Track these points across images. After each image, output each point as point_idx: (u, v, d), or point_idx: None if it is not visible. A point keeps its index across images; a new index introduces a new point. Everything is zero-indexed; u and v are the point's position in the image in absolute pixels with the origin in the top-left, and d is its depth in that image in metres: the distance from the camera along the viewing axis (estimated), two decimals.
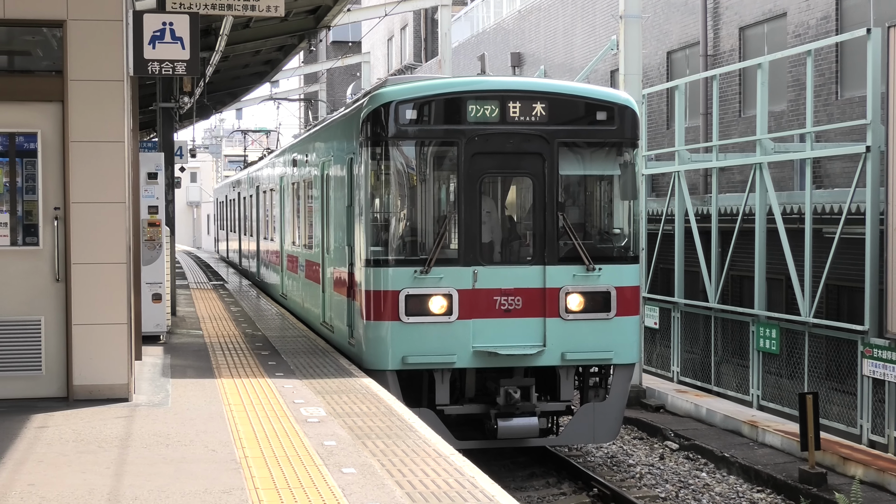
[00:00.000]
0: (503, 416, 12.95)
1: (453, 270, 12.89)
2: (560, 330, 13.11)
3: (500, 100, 13.04)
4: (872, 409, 15.14)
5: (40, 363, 11.16)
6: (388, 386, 12.50)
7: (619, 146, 13.66)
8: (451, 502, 7.62)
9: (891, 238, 14.55)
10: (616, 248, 13.76)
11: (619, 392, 13.83)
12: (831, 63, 21.51)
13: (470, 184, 12.92)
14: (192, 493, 7.77)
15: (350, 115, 14.61)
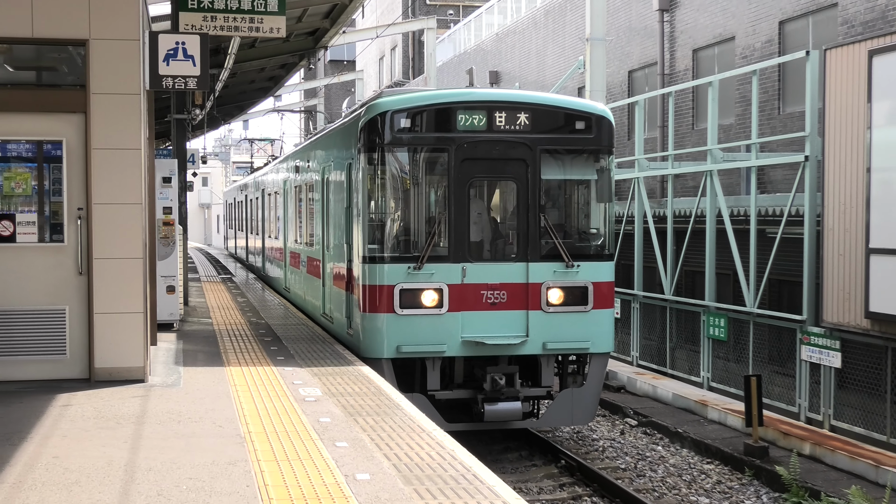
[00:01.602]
0: (489, 401, 12.86)
1: (444, 267, 12.77)
2: (541, 321, 13.00)
3: (487, 110, 12.92)
4: (809, 390, 15.19)
5: (65, 348, 11.15)
6: (383, 373, 12.38)
7: (596, 153, 13.56)
8: (433, 472, 7.63)
9: (826, 238, 14.60)
10: (593, 246, 13.65)
11: (595, 378, 13.73)
12: (774, 81, 21.59)
13: (459, 187, 12.82)
14: (200, 464, 7.77)
15: (349, 123, 14.50)
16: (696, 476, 13.73)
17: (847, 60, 14.15)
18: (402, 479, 7.43)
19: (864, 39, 13.99)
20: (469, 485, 7.33)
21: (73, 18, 10.88)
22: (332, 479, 7.40)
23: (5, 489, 7.06)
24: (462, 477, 7.54)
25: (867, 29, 18.86)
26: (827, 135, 14.62)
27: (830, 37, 19.87)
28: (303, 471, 7.61)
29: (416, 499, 6.93)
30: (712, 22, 24.88)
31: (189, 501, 6.80)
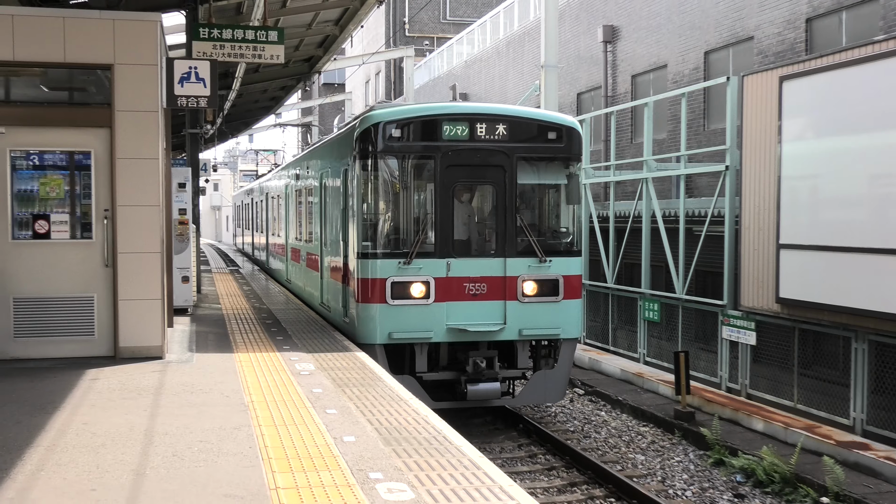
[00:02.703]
0: (471, 382, 12.59)
1: (430, 262, 12.45)
2: (517, 311, 12.71)
3: (469, 122, 12.60)
4: (729, 364, 15.26)
5: (93, 329, 11.11)
6: (376, 357, 12.08)
7: (566, 160, 13.23)
8: (409, 435, 7.62)
9: (743, 235, 14.67)
10: (563, 243, 13.30)
11: (565, 361, 13.39)
12: (700, 103, 21.68)
13: (444, 190, 12.54)
14: (210, 429, 7.74)
15: (345, 133, 14.17)
16: (633, 437, 13.78)
17: (761, 85, 14.21)
18: (382, 440, 7.42)
19: (776, 67, 14.06)
20: (440, 445, 7.33)
21: (100, 46, 10.82)
22: (322, 440, 7.39)
23: (41, 451, 7.02)
24: (434, 439, 7.54)
25: (778, 58, 18.97)
26: (744, 148, 14.69)
27: (747, 65, 19.96)
28: (297, 434, 7.59)
29: (394, 457, 6.91)
30: (648, 52, 24.97)
31: (200, 461, 6.78)
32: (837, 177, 12.75)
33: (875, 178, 11.99)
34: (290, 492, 6.05)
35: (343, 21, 21.19)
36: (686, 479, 11.77)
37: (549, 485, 11.46)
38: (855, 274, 12.15)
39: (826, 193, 13.02)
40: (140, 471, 6.50)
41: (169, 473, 6.45)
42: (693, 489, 11.37)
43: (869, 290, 11.87)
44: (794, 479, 11.06)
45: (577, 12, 29.29)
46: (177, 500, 5.86)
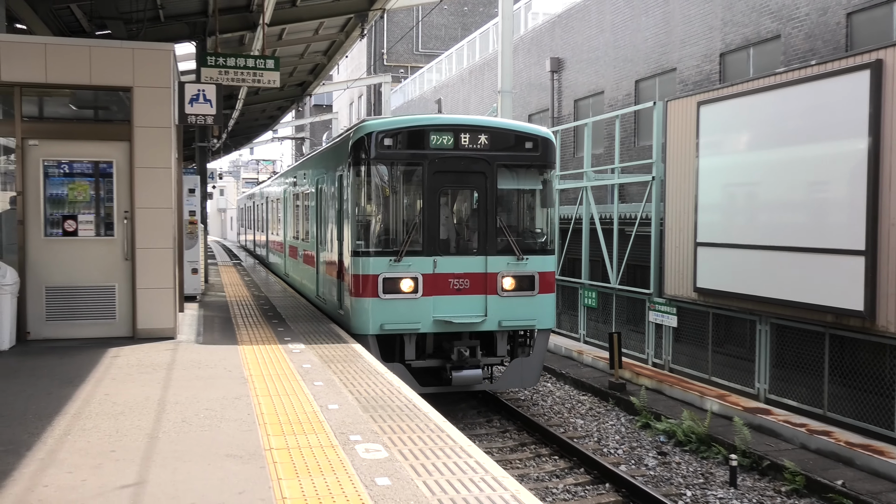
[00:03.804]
0: (456, 369, 12.05)
1: (419, 259, 11.86)
2: (497, 304, 12.14)
3: (454, 132, 12.06)
4: (654, 343, 15.36)
5: (115, 314, 11.00)
6: (369, 347, 11.55)
7: (541, 167, 12.59)
8: (384, 403, 7.60)
9: (667, 235, 14.76)
10: (538, 243, 12.59)
11: (540, 349, 12.77)
12: (631, 123, 21.78)
13: (431, 194, 11.98)
14: (214, 398, 7.69)
15: (340, 142, 13.63)
16: (574, 405, 13.82)
17: (682, 109, 14.30)
18: (361, 408, 7.40)
19: (694, 94, 14.15)
20: (410, 412, 7.31)
21: (121, 71, 10.70)
22: (310, 408, 7.35)
23: (68, 418, 6.94)
24: (405, 406, 7.52)
25: (696, 87, 19.08)
26: (668, 162, 14.77)
27: (671, 92, 20.08)
28: (289, 403, 7.55)
29: (371, 422, 6.90)
30: (588, 80, 25.04)
31: (205, 425, 6.72)
32: (741, 186, 12.86)
33: (772, 188, 12.10)
34: (282, 452, 6.02)
35: (330, 52, 21.12)
36: (618, 439, 11.82)
37: (503, 445, 11.47)
38: (757, 267, 12.27)
39: (732, 199, 13.13)
40: (154, 434, 6.45)
41: (178, 437, 6.40)
42: (624, 448, 11.42)
43: (769, 281, 11.99)
44: (708, 439, 11.14)
45: (529, 46, 29.33)
46: (185, 460, 5.82)
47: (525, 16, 31.77)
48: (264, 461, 5.80)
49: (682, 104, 14.32)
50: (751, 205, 12.69)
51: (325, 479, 5.43)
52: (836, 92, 10.79)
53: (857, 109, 10.41)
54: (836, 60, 10.95)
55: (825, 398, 11.26)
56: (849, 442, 10.19)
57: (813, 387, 11.50)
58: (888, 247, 10.07)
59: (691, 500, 9.42)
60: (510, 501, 5.10)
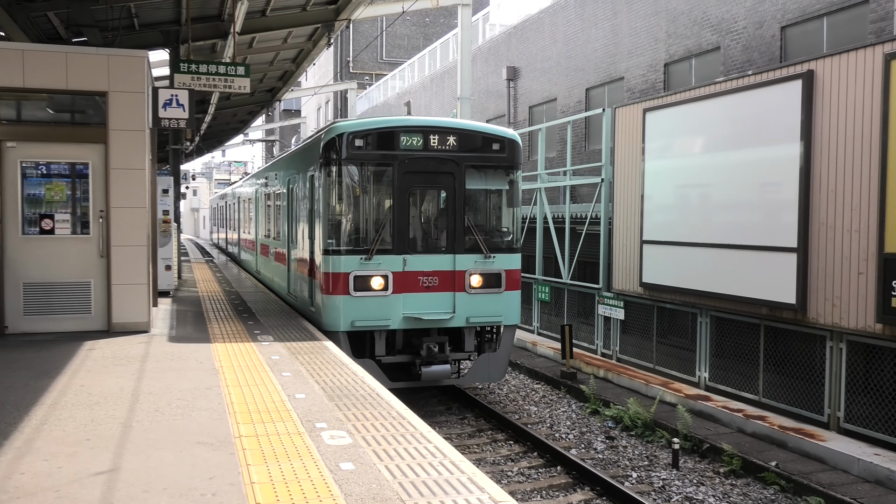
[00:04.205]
0: (425, 364, 11.71)
1: (389, 258, 11.48)
2: (465, 301, 11.77)
3: (423, 133, 11.65)
4: (603, 334, 15.48)
5: (90, 308, 10.83)
6: (340, 343, 11.13)
7: (507, 168, 12.17)
8: (349, 392, 7.58)
9: (615, 233, 14.87)
10: (505, 241, 12.20)
11: (506, 345, 12.39)
12: (582, 128, 21.94)
13: (401, 194, 11.59)
14: (186, 389, 7.60)
15: (311, 143, 13.08)
16: (529, 393, 13.88)
17: (629, 115, 14.41)
18: (327, 397, 7.37)
19: (640, 101, 14.27)
20: (373, 400, 7.30)
21: (97, 76, 10.54)
22: (278, 397, 7.31)
23: (44, 408, 6.82)
24: (369, 395, 7.51)
25: (642, 95, 19.28)
26: (616, 164, 14.89)
27: (619, 99, 20.27)
28: (258, 392, 7.49)
29: (336, 410, 6.87)
30: (542, 88, 25.17)
31: (178, 415, 6.65)
32: (683, 187, 13.01)
33: (714, 189, 12.26)
34: (251, 439, 5.98)
35: (299, 59, 20.99)
36: (569, 425, 11.90)
37: (462, 431, 11.49)
38: (699, 264, 12.41)
39: (675, 200, 13.26)
40: (128, 423, 6.37)
41: (152, 425, 6.33)
42: (574, 433, 11.50)
43: (709, 277, 12.13)
44: (653, 424, 11.26)
45: (487, 56, 29.39)
46: (158, 447, 5.75)
47: (483, 27, 31.86)
48: (234, 448, 5.75)
49: (629, 111, 14.44)
50: (692, 205, 12.83)
51: (292, 464, 5.41)
52: (771, 100, 10.96)
53: (790, 116, 10.58)
54: (771, 71, 11.12)
55: (760, 385, 11.43)
56: (782, 426, 10.36)
57: (749, 375, 11.67)
58: (818, 245, 10.26)
59: (636, 481, 9.51)
60: (466, 484, 5.12)
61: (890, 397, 9.52)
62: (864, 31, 13.76)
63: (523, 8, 29.31)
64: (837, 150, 9.95)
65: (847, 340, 10.00)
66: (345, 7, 15.90)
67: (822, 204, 10.17)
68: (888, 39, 9.31)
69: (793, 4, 15.38)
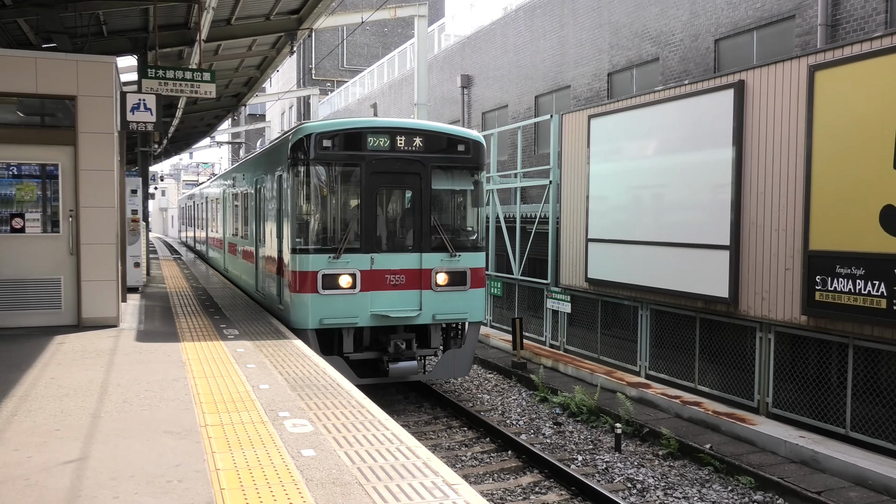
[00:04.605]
0: (393, 361, 11.37)
1: (357, 256, 11.08)
2: (431, 298, 11.45)
3: (390, 134, 11.29)
4: (552, 327, 15.59)
5: (61, 304, 10.61)
6: (308, 341, 10.76)
7: (472, 169, 11.87)
8: (311, 383, 7.54)
9: (562, 232, 14.98)
10: (470, 240, 11.88)
11: (471, 341, 12.09)
12: (532, 133, 22.05)
13: (369, 194, 11.19)
14: (154, 380, 7.49)
15: (279, 143, 12.55)
16: (482, 382, 13.92)
17: (575, 121, 14.53)
18: (290, 387, 7.32)
19: (585, 108, 14.39)
20: (334, 390, 7.27)
21: (66, 81, 10.34)
22: (243, 388, 7.24)
23: (15, 400, 6.67)
24: (329, 385, 7.47)
25: (587, 102, 19.45)
26: (563, 168, 15.00)
27: (566, 106, 20.42)
28: (224, 384, 7.41)
29: (298, 400, 6.83)
30: (494, 95, 25.25)
31: (145, 405, 6.55)
32: (625, 189, 13.15)
33: (654, 191, 12.42)
34: (216, 428, 5.92)
35: (263, 66, 20.77)
36: (520, 412, 11.97)
37: (419, 419, 11.49)
38: (640, 260, 12.56)
39: (618, 201, 13.40)
40: (97, 414, 6.26)
41: (120, 416, 6.23)
42: (524, 419, 11.57)
43: (649, 272, 12.29)
44: (597, 410, 11.37)
45: (442, 64, 29.40)
46: (126, 437, 5.67)
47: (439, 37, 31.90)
48: (200, 437, 5.69)
49: (575, 117, 14.55)
50: (634, 205, 12.98)
51: (256, 451, 5.37)
52: (706, 108, 11.13)
53: (723, 123, 10.76)
54: (705, 80, 11.30)
55: (696, 373, 11.62)
56: (716, 411, 10.53)
57: (686, 364, 11.85)
58: (749, 242, 10.45)
59: (582, 463, 9.60)
60: (421, 468, 5.13)
61: (814, 384, 9.75)
62: (790, 44, 14.05)
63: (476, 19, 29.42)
64: (766, 155, 10.15)
65: (775, 331, 10.21)
66: (307, 17, 15.78)
67: (753, 205, 10.37)
68: (812, 52, 9.52)
69: (725, 19, 15.64)
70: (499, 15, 25.94)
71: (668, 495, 8.46)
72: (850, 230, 8.81)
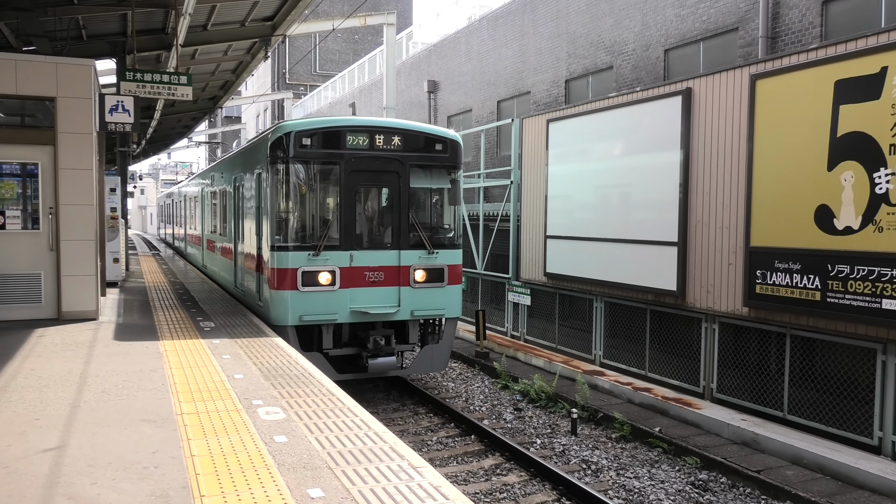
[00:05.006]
0: (372, 356, 10.99)
1: (336, 254, 10.60)
2: (410, 295, 11.02)
3: (369, 133, 10.83)
4: (513, 318, 15.64)
5: (41, 298, 10.42)
6: (288, 337, 10.38)
7: (450, 168, 11.45)
8: (284, 372, 7.48)
9: (523, 229, 15.02)
10: (447, 238, 11.46)
11: (448, 336, 11.68)
12: (494, 136, 22.08)
13: (348, 192, 10.74)
14: (132, 371, 7.38)
15: (258, 142, 12.00)
16: (447, 370, 13.90)
17: (535, 125, 14.58)
18: (263, 377, 7.26)
19: (544, 113, 14.43)
20: (306, 379, 7.22)
21: (46, 83, 10.13)
22: (218, 378, 7.16)
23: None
24: (301, 375, 7.42)
25: (546, 107, 19.53)
26: (523, 169, 15.04)
27: (526, 111, 20.48)
28: (199, 374, 7.32)
29: (271, 389, 6.78)
30: (459, 100, 25.24)
31: (123, 395, 6.45)
32: (578, 189, 13.22)
33: (599, 190, 12.49)
34: (192, 416, 5.85)
35: (238, 70, 20.54)
36: (482, 398, 11.98)
37: (387, 406, 11.45)
38: (595, 256, 12.64)
39: (575, 200, 13.47)
40: (76, 404, 6.15)
41: (99, 405, 6.12)
42: (487, 405, 11.59)
43: (604, 267, 12.38)
44: (555, 396, 11.43)
45: (410, 70, 29.32)
46: (104, 425, 5.57)
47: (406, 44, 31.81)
48: (176, 424, 5.62)
49: (534, 121, 14.60)
50: (590, 204, 13.05)
51: (230, 438, 5.31)
52: (657, 113, 11.23)
53: (672, 128, 10.87)
54: (655, 87, 11.40)
55: (647, 361, 11.73)
56: (665, 396, 10.65)
57: (637, 352, 11.96)
58: (695, 239, 10.58)
59: (540, 446, 9.65)
60: (388, 452, 5.11)
61: (755, 371, 9.90)
62: (734, 54, 14.24)
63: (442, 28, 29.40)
64: (712, 157, 10.28)
65: (719, 322, 10.35)
66: (280, 23, 15.63)
67: (699, 204, 10.49)
68: (754, 62, 9.66)
69: (674, 31, 15.80)
70: (463, 24, 25.94)
71: (620, 475, 8.54)
72: (788, 228, 8.96)
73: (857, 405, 8.56)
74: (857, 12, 12.20)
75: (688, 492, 8.03)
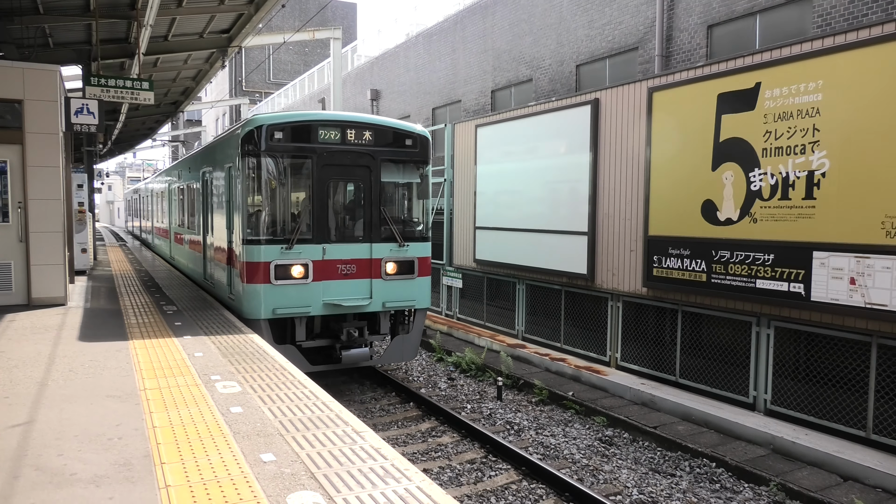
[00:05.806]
0: (345, 348, 10.06)
1: (309, 247, 9.73)
2: (381, 287, 10.21)
3: (341, 128, 10.02)
4: (447, 299, 15.65)
5: (11, 286, 9.93)
6: (261, 331, 9.39)
7: (419, 163, 10.53)
8: (241, 350, 7.32)
9: (455, 222, 15.04)
10: (417, 231, 10.70)
11: (418, 326, 10.76)
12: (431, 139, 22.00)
13: (320, 186, 9.88)
14: (99, 351, 7.11)
15: (228, 136, 11.04)
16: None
17: (465, 130, 14.58)
18: (221, 354, 7.09)
19: (473, 119, 14.46)
20: (260, 356, 7.09)
21: (14, 86, 9.62)
22: (179, 356, 6.96)
23: None
24: (257, 352, 7.28)
25: (475, 114, 19.56)
26: (455, 168, 15.04)
27: (457, 117, 20.48)
28: (162, 352, 7.11)
29: (229, 365, 6.62)
30: (398, 107, 25.08)
31: (90, 374, 6.21)
32: (503, 186, 13.32)
33: (521, 186, 12.60)
34: (154, 391, 5.67)
35: (198, 77, 19.93)
36: (420, 370, 11.96)
37: (336, 380, 11.34)
38: (517, 244, 12.76)
39: (500, 195, 13.55)
40: (44, 382, 5.89)
41: (66, 383, 5.88)
42: (424, 376, 11.58)
43: (525, 254, 12.50)
44: (483, 367, 11.49)
45: (355, 80, 28.99)
46: (71, 401, 5.35)
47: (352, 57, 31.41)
48: (139, 399, 5.44)
49: (464, 126, 14.60)
50: (513, 199, 13.15)
51: (189, 410, 5.17)
52: (570, 120, 11.37)
53: (583, 133, 11.02)
54: (569, 98, 11.53)
55: (562, 335, 11.91)
56: (577, 365, 10.83)
57: (554, 328, 12.13)
58: (602, 229, 10.77)
59: (470, 411, 9.70)
60: (334, 419, 5.05)
61: (652, 342, 10.16)
62: (635, 70, 14.51)
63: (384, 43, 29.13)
64: (616, 159, 10.46)
65: (623, 300, 10.58)
66: (236, 36, 15.21)
67: (606, 199, 10.68)
68: (651, 77, 9.85)
69: (584, 48, 16.00)
70: (402, 39, 25.75)
71: (539, 434, 8.66)
72: (680, 220, 9.20)
73: (735, 369, 8.88)
74: (736, 35, 12.58)
75: (596, 446, 8.20)
